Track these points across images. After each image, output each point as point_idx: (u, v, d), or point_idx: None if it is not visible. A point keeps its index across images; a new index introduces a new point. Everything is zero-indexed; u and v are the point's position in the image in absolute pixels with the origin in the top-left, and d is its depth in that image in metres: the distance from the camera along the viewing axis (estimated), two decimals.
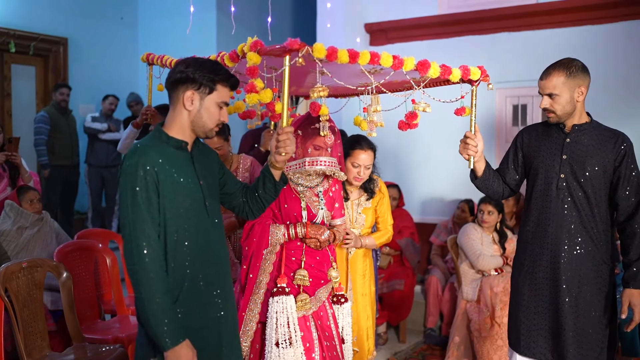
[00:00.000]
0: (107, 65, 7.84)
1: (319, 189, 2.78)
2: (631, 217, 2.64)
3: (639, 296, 2.63)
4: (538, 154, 2.77)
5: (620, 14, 4.93)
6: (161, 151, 2.04)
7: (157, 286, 1.93)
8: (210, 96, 2.07)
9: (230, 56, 2.44)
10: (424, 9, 5.76)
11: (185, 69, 2.04)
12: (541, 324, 2.71)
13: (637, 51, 4.91)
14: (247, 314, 2.66)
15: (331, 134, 2.66)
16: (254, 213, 2.39)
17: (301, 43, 2.13)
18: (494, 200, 4.36)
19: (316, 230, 2.69)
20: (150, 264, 1.94)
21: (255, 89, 2.24)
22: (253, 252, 2.67)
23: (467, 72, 2.62)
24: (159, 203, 1.99)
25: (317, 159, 2.66)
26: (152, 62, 3.40)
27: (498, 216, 4.39)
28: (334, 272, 2.82)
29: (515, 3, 5.36)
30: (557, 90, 2.61)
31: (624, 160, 2.64)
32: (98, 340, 3.44)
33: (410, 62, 2.42)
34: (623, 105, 4.81)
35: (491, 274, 4.30)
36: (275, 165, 2.29)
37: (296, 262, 2.71)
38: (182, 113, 2.08)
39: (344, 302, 2.86)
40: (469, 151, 2.72)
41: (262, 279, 2.66)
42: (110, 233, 4.77)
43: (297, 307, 2.63)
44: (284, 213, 2.72)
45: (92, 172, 6.98)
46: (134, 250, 1.95)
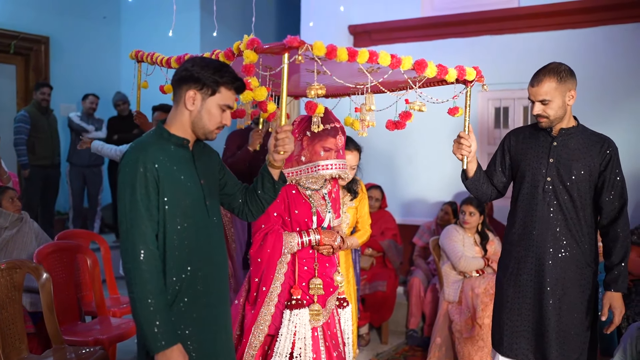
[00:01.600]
0: (89, 65, 7.77)
1: (324, 191, 2.72)
2: (614, 221, 2.68)
3: (619, 299, 2.68)
4: (525, 157, 2.79)
5: (600, 18, 5.00)
6: (162, 148, 2.01)
7: (151, 286, 1.90)
8: (213, 98, 2.03)
9: (226, 54, 2.42)
10: (408, 12, 5.79)
11: (190, 68, 2.01)
12: (524, 325, 2.74)
13: (616, 55, 4.98)
14: (256, 327, 2.56)
15: (341, 134, 2.61)
16: (254, 214, 2.34)
17: (300, 41, 2.12)
18: (476, 202, 4.39)
19: (329, 236, 2.62)
20: (145, 263, 1.90)
21: (249, 87, 2.22)
22: (266, 264, 2.56)
23: (462, 72, 2.63)
24: (158, 201, 1.96)
25: (329, 162, 2.59)
26: (141, 59, 3.36)
27: (480, 217, 4.42)
28: (339, 276, 2.73)
29: (497, 7, 5.40)
30: (549, 96, 2.62)
31: (609, 164, 2.67)
32: (78, 342, 3.40)
33: (408, 62, 2.42)
34: (602, 109, 4.88)
35: (472, 275, 4.33)
36: (273, 165, 2.25)
37: (309, 271, 2.63)
38: (183, 112, 2.05)
39: (346, 305, 2.83)
40: (463, 151, 2.74)
41: (274, 291, 2.57)
42: (91, 234, 4.72)
43: (310, 318, 2.56)
44: (294, 219, 2.63)
45: (74, 172, 6.91)
46: (129, 249, 1.91)
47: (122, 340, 3.62)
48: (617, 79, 4.97)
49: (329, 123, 2.58)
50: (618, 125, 4.80)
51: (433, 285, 4.84)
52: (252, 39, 2.24)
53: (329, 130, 2.58)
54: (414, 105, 2.60)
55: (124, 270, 1.94)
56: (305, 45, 2.13)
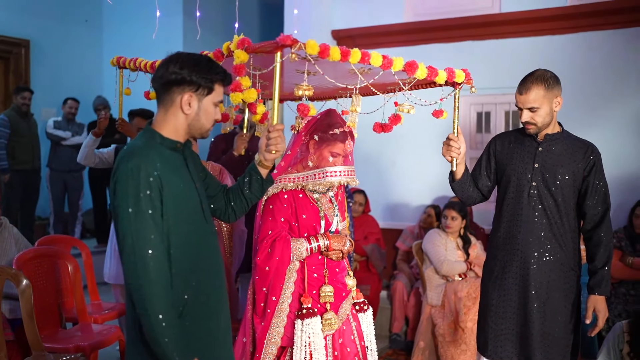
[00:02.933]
0: (70, 68, 7.70)
1: (330, 194, 2.65)
2: (597, 225, 2.71)
3: (603, 302, 2.72)
4: (511, 162, 2.81)
5: (579, 25, 5.07)
6: (159, 153, 1.90)
7: (165, 302, 1.79)
8: (209, 97, 1.96)
9: (215, 55, 2.38)
10: (391, 17, 5.82)
11: (180, 70, 1.90)
12: (509, 329, 2.76)
13: (596, 62, 5.05)
14: (268, 340, 2.45)
15: (350, 139, 2.54)
16: (237, 214, 2.28)
17: (294, 39, 2.09)
18: (458, 206, 4.42)
19: (338, 241, 2.54)
20: (157, 278, 1.78)
21: (239, 88, 2.17)
22: (275, 272, 2.44)
23: (452, 74, 2.65)
24: (162, 209, 1.84)
25: (337, 169, 2.51)
26: (123, 65, 3.31)
27: (462, 222, 4.45)
28: (350, 280, 2.65)
29: (479, 12, 5.46)
30: (537, 103, 2.64)
31: (593, 170, 2.70)
32: (59, 349, 3.36)
33: (399, 63, 2.42)
34: (581, 115, 4.94)
35: (455, 279, 4.35)
36: (263, 164, 2.21)
37: (318, 278, 2.54)
38: (177, 116, 1.95)
39: (367, 309, 2.72)
40: (452, 153, 2.74)
41: (285, 301, 2.46)
42: (72, 239, 4.67)
43: (323, 327, 2.47)
44: (302, 224, 2.53)
45: (54, 177, 6.83)
46: (138, 263, 1.77)
47: (104, 347, 3.57)
48: (595, 84, 5.04)
49: (338, 127, 2.52)
50: (597, 130, 4.86)
51: (416, 289, 4.86)
52: (243, 38, 2.21)
53: (337, 135, 2.50)
54: (403, 107, 2.58)
55: (131, 287, 1.80)
56: (299, 44, 2.11)
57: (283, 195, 2.52)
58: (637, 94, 4.91)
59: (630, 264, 4.33)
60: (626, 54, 4.96)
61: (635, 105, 4.91)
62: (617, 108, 4.97)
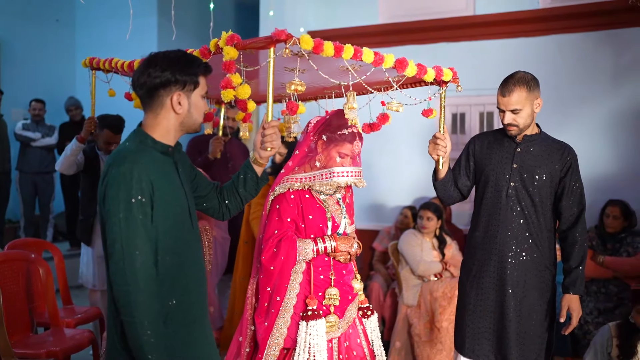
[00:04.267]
0: (42, 69, 7.57)
1: (338, 196, 2.60)
2: (573, 226, 2.76)
3: (577, 301, 2.76)
4: (489, 162, 2.85)
5: (552, 27, 5.16)
6: (151, 157, 1.88)
7: (151, 308, 1.77)
8: (196, 91, 1.94)
9: (201, 52, 2.34)
10: (366, 18, 5.85)
11: (162, 73, 1.87)
12: (486, 327, 2.80)
13: (567, 63, 5.14)
14: (271, 340, 2.40)
15: (358, 140, 2.51)
16: (231, 213, 2.26)
17: (288, 34, 2.07)
18: (433, 207, 4.45)
19: (346, 242, 2.49)
20: (145, 284, 1.76)
21: (231, 85, 2.13)
22: (280, 272, 2.40)
23: (440, 72, 2.66)
24: (152, 215, 1.81)
25: (345, 170, 2.47)
26: (97, 66, 3.26)
27: (437, 222, 4.48)
28: (357, 283, 2.59)
29: (453, 14, 5.52)
30: (519, 105, 2.68)
31: (569, 171, 2.75)
32: (30, 355, 3.29)
33: (390, 59, 2.42)
34: (554, 116, 5.01)
35: (431, 279, 4.37)
36: (258, 162, 2.19)
37: (325, 279, 2.50)
38: (169, 117, 1.93)
39: (371, 314, 2.69)
40: (439, 151, 2.77)
41: (289, 302, 2.42)
42: (44, 243, 4.58)
43: (327, 329, 2.44)
44: (308, 225, 2.49)
45: (24, 179, 6.70)
46: (127, 269, 1.75)
47: (77, 352, 3.52)
48: (568, 86, 5.13)
49: (347, 128, 2.48)
50: (569, 131, 4.94)
51: (392, 290, 4.88)
52: (232, 34, 2.18)
53: (345, 136, 2.47)
54: (392, 105, 2.57)
55: (118, 293, 1.77)
56: (293, 39, 2.09)
57: (290, 195, 2.49)
58: (608, 96, 5.01)
59: (601, 262, 4.41)
60: (597, 57, 5.05)
61: (606, 106, 5.00)
62: (589, 109, 5.06)
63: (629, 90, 4.93)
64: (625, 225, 4.49)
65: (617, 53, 4.98)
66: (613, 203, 4.53)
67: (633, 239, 4.42)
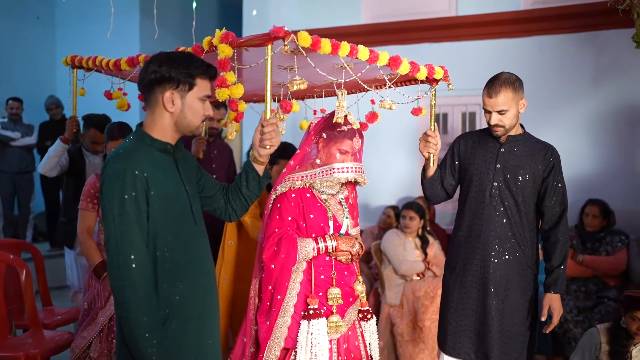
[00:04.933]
0: (21, 67, 7.48)
1: (341, 196, 2.58)
2: (555, 226, 2.80)
3: (558, 300, 2.79)
4: (473, 162, 2.87)
5: (533, 29, 5.22)
6: (148, 155, 1.90)
7: (147, 304, 1.79)
8: (191, 92, 1.93)
9: (194, 50, 2.31)
10: (349, 18, 5.86)
11: (159, 68, 1.89)
12: (468, 325, 2.82)
13: (548, 64, 5.19)
14: (272, 340, 2.39)
15: (358, 136, 2.49)
16: (237, 214, 2.26)
17: (286, 31, 2.05)
18: (416, 207, 4.47)
19: (347, 242, 2.47)
20: (139, 280, 1.78)
21: (225, 84, 2.11)
22: (280, 271, 2.39)
23: (432, 70, 2.68)
24: (148, 212, 1.84)
25: (345, 165, 2.46)
26: (79, 64, 3.21)
27: (420, 222, 4.50)
28: (360, 286, 2.56)
29: (436, 15, 5.55)
30: (506, 106, 2.70)
31: (552, 171, 2.78)
32: (8, 357, 3.24)
33: (384, 57, 2.43)
34: (536, 116, 5.06)
35: (414, 278, 4.39)
36: (258, 160, 2.17)
37: (326, 279, 2.48)
38: (163, 115, 1.94)
39: (370, 318, 2.65)
40: (430, 149, 2.78)
41: (289, 301, 2.40)
42: (23, 243, 4.51)
43: (328, 329, 2.42)
44: (309, 224, 2.48)
45: (3, 179, 6.61)
46: (121, 265, 1.78)
47: (57, 354, 3.47)
48: (548, 87, 5.18)
49: (347, 124, 2.47)
50: (550, 131, 4.99)
51: (375, 290, 4.89)
52: (227, 32, 2.16)
53: (345, 132, 2.46)
54: (385, 103, 2.57)
55: (114, 288, 1.81)
56: (291, 36, 2.07)
57: (291, 194, 2.48)
58: (588, 96, 5.07)
59: (581, 261, 4.46)
60: (577, 58, 5.11)
61: (586, 107, 5.07)
62: (569, 110, 5.12)
63: (608, 91, 4.99)
64: (604, 225, 4.55)
65: (597, 54, 5.05)
66: (592, 202, 4.59)
67: (612, 238, 4.48)
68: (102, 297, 3.10)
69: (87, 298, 3.18)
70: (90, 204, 3.15)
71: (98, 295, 3.12)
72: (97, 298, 3.12)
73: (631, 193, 4.85)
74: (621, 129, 4.95)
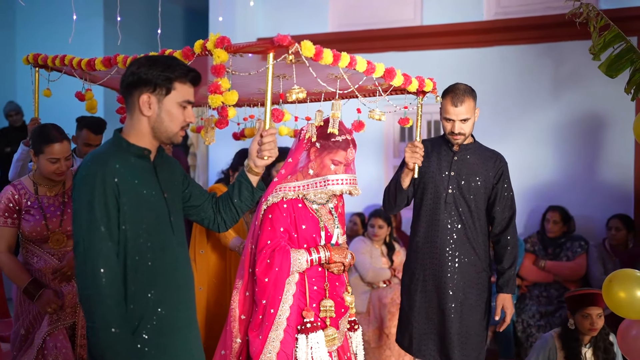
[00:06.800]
0: None
1: (330, 205, 2.54)
2: (505, 229, 2.94)
3: (510, 300, 2.95)
4: (428, 169, 2.95)
5: (496, 39, 5.32)
6: (122, 160, 1.83)
7: (115, 314, 1.72)
8: (169, 97, 1.85)
9: (184, 53, 2.23)
10: (315, 26, 5.88)
11: (137, 70, 1.83)
12: (430, 328, 2.92)
13: (509, 74, 5.31)
14: (264, 355, 2.32)
15: (352, 147, 2.46)
16: (227, 224, 2.20)
17: (291, 40, 2.01)
18: (384, 214, 4.51)
19: (340, 253, 2.43)
20: (107, 289, 1.72)
21: (219, 90, 2.05)
22: (274, 284, 2.33)
23: (422, 83, 2.73)
24: (118, 218, 1.78)
25: (340, 177, 2.43)
26: (43, 63, 3.11)
27: (387, 229, 4.53)
28: (349, 296, 2.53)
29: (402, 24, 5.61)
30: (469, 114, 2.82)
31: (501, 178, 2.93)
32: None
33: (380, 69, 2.44)
34: (496, 127, 5.17)
35: (380, 286, 4.42)
36: (254, 171, 2.12)
37: (318, 291, 2.43)
38: (140, 119, 1.87)
39: (357, 328, 2.63)
40: (417, 160, 2.82)
41: (282, 315, 2.34)
42: None
43: (325, 343, 2.37)
44: (301, 235, 2.43)
45: None
46: (88, 273, 1.72)
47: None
48: (510, 96, 5.29)
49: (341, 135, 2.43)
50: (512, 140, 5.11)
51: None
52: (222, 37, 2.09)
53: (339, 143, 2.42)
54: (374, 114, 2.57)
55: (81, 297, 1.75)
56: (295, 45, 2.03)
57: (282, 205, 2.42)
58: (548, 106, 5.19)
59: (543, 267, 4.56)
60: (537, 68, 5.24)
61: (546, 116, 5.19)
62: (530, 119, 5.23)
63: (567, 100, 5.13)
64: (565, 230, 4.67)
65: (557, 65, 5.18)
66: (553, 209, 4.70)
67: (572, 243, 4.60)
68: (40, 318, 2.83)
69: (24, 324, 2.86)
70: (9, 219, 2.80)
71: (35, 319, 2.85)
72: (35, 322, 2.84)
73: (589, 200, 4.99)
74: (580, 137, 5.09)
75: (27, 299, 2.82)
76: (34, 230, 2.81)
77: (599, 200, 4.96)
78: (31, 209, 2.82)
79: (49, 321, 2.78)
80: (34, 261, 2.87)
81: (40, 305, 2.76)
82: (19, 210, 2.81)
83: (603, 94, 4.83)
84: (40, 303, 2.76)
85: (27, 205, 2.83)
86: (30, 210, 2.82)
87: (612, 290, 2.76)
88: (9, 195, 2.82)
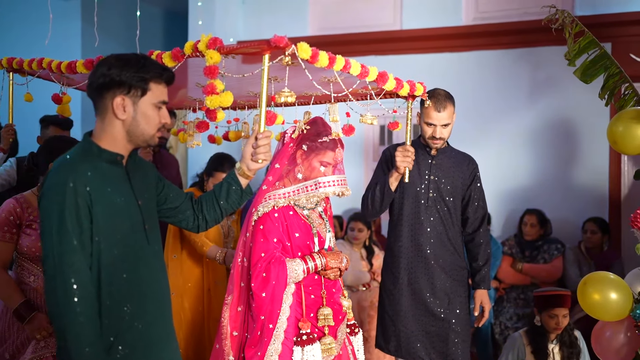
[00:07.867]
0: None
1: (320, 209, 2.48)
2: (478, 228, 3.05)
3: (487, 295, 3.07)
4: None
5: (473, 44, 5.38)
6: (93, 166, 1.73)
7: (88, 332, 1.62)
8: (144, 98, 1.76)
9: (173, 54, 2.16)
10: (296, 29, 5.88)
11: (108, 71, 1.72)
12: (419, 329, 2.97)
13: (488, 79, 5.37)
14: None
15: (340, 147, 2.41)
16: (208, 225, 2.12)
17: (287, 41, 1.97)
18: (364, 218, 4.52)
19: (335, 258, 2.35)
20: (80, 305, 1.61)
21: (215, 91, 1.99)
22: (271, 298, 2.24)
23: (413, 87, 2.74)
24: (91, 229, 1.67)
25: (331, 179, 2.36)
26: (17, 67, 3.06)
27: (367, 233, 4.55)
28: (346, 301, 2.46)
29: (381, 29, 5.65)
30: (450, 119, 2.89)
31: (474, 180, 3.03)
32: None
33: (374, 72, 2.43)
34: (473, 130, 5.21)
35: (359, 289, 4.43)
36: (245, 174, 2.05)
37: (315, 299, 2.36)
38: (113, 123, 1.77)
39: (357, 332, 2.58)
40: (409, 164, 2.84)
41: (280, 327, 2.26)
42: None
43: (322, 352, 2.31)
44: (294, 243, 2.35)
45: None
46: (59, 288, 1.61)
47: None
48: (488, 101, 5.35)
49: (327, 135, 2.38)
50: (490, 144, 5.17)
51: None
52: (214, 38, 2.05)
53: (327, 143, 2.36)
54: (366, 118, 2.54)
55: (51, 315, 1.65)
56: (292, 47, 2.00)
57: (273, 214, 2.34)
58: (526, 110, 5.26)
59: (520, 269, 4.61)
60: (515, 73, 5.30)
61: (524, 120, 5.25)
62: (508, 123, 5.29)
63: (544, 105, 5.20)
64: (542, 233, 4.73)
65: (533, 70, 5.25)
66: (530, 212, 4.76)
67: (549, 246, 4.66)
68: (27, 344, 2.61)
69: (9, 349, 2.64)
70: (7, 234, 2.61)
71: (23, 344, 2.63)
72: (22, 347, 2.62)
73: (565, 203, 5.06)
74: (556, 142, 5.16)
75: (16, 321, 2.60)
76: (33, 245, 2.61)
77: (574, 204, 5.03)
78: (33, 224, 2.63)
79: (34, 348, 2.56)
80: (30, 280, 2.65)
81: (30, 330, 2.56)
82: (19, 225, 2.63)
83: (579, 99, 4.91)
84: (30, 327, 2.55)
85: (28, 219, 2.63)
86: (32, 224, 2.63)
87: (587, 292, 2.81)
88: (11, 208, 2.64)
